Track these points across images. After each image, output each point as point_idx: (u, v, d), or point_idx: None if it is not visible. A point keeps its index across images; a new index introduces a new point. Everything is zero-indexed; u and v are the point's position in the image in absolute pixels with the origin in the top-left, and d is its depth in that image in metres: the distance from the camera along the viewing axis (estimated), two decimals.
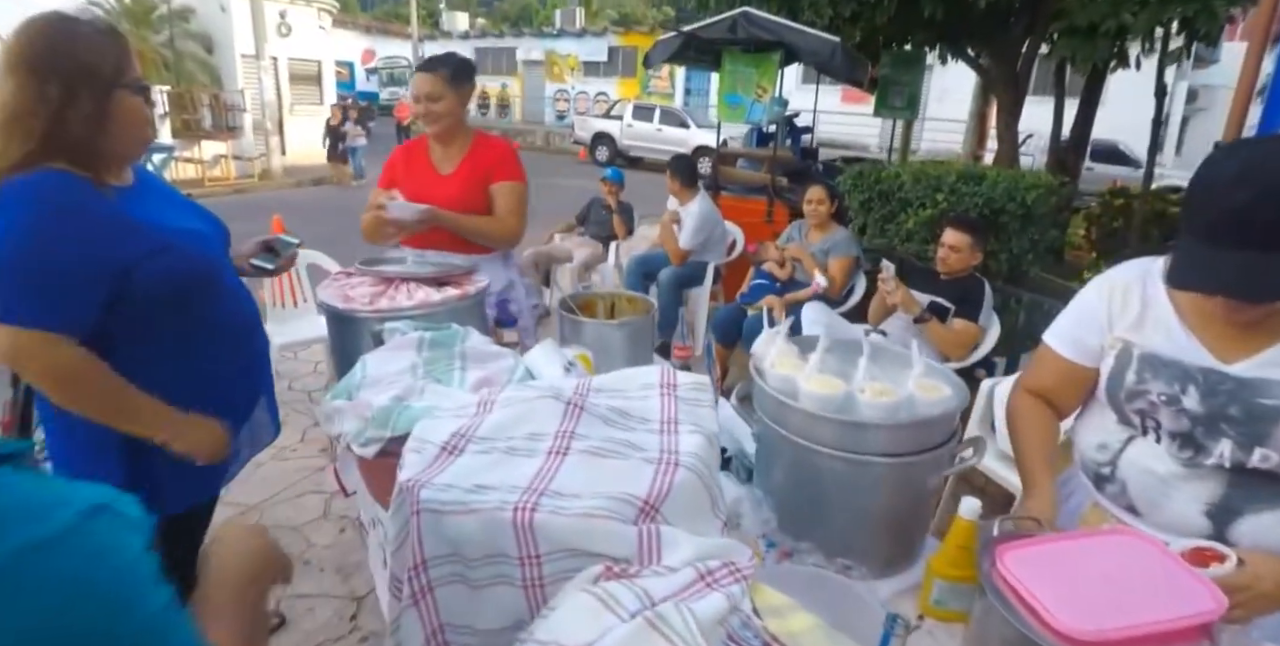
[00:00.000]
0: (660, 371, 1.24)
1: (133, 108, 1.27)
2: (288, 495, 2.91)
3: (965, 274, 3.03)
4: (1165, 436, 1.13)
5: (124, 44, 1.28)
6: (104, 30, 1.27)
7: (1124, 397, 1.16)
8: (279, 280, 3.75)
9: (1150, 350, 1.13)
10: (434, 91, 2.16)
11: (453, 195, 2.20)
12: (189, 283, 1.35)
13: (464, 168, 2.25)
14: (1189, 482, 1.11)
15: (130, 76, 1.27)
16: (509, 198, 2.26)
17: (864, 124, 15.84)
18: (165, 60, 12.30)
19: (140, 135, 1.33)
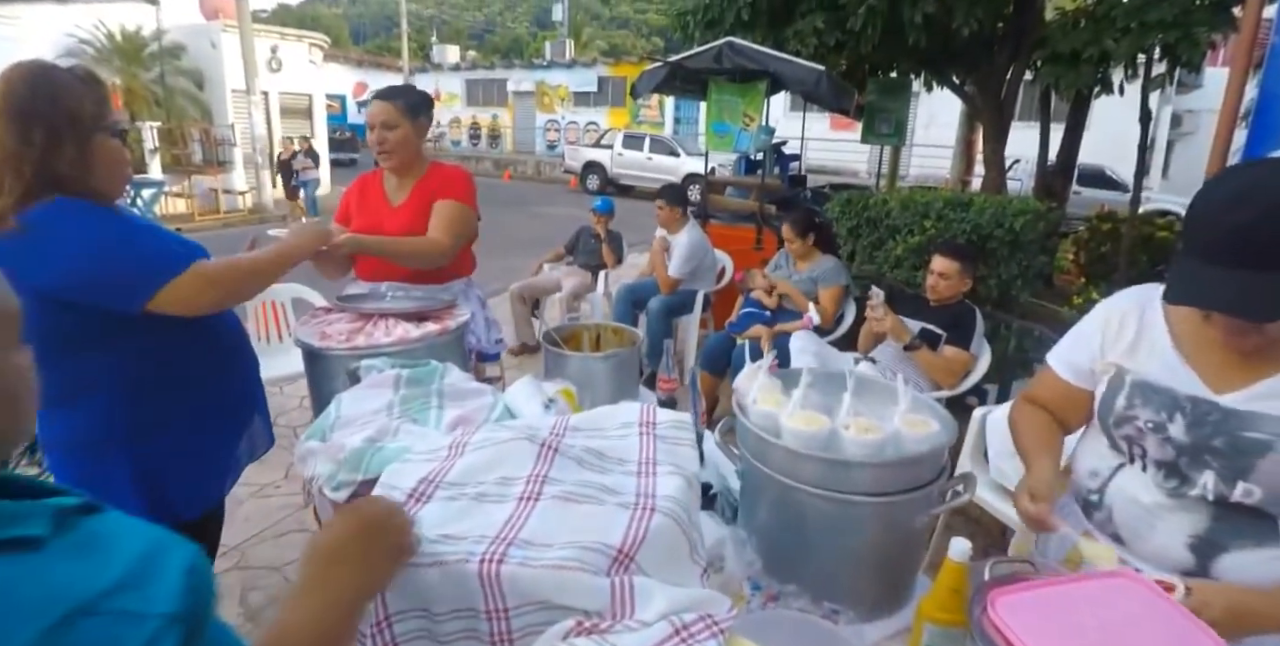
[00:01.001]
0: (640, 409, 1.21)
1: (112, 149, 1.36)
2: (270, 534, 2.84)
3: (955, 300, 3.02)
4: (1151, 465, 1.12)
5: (102, 90, 1.37)
6: (83, 77, 1.35)
7: (1113, 423, 1.15)
8: (264, 314, 3.72)
9: (1142, 377, 1.12)
10: (389, 120, 2.10)
11: (402, 225, 2.12)
12: None
13: (413, 197, 2.18)
14: (1174, 514, 1.09)
15: (109, 120, 1.35)
16: (441, 215, 2.12)
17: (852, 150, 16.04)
18: (156, 96, 12.42)
19: (121, 174, 1.42)
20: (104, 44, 12.21)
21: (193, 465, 1.49)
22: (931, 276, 3.01)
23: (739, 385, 1.34)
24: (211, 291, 1.38)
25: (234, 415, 1.60)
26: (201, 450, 1.51)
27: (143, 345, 1.39)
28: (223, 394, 1.56)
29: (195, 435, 1.49)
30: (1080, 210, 8.43)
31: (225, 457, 1.59)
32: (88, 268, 1.27)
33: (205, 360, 1.50)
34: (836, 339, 3.60)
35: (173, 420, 1.46)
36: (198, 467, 1.50)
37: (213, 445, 1.54)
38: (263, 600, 2.44)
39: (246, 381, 1.65)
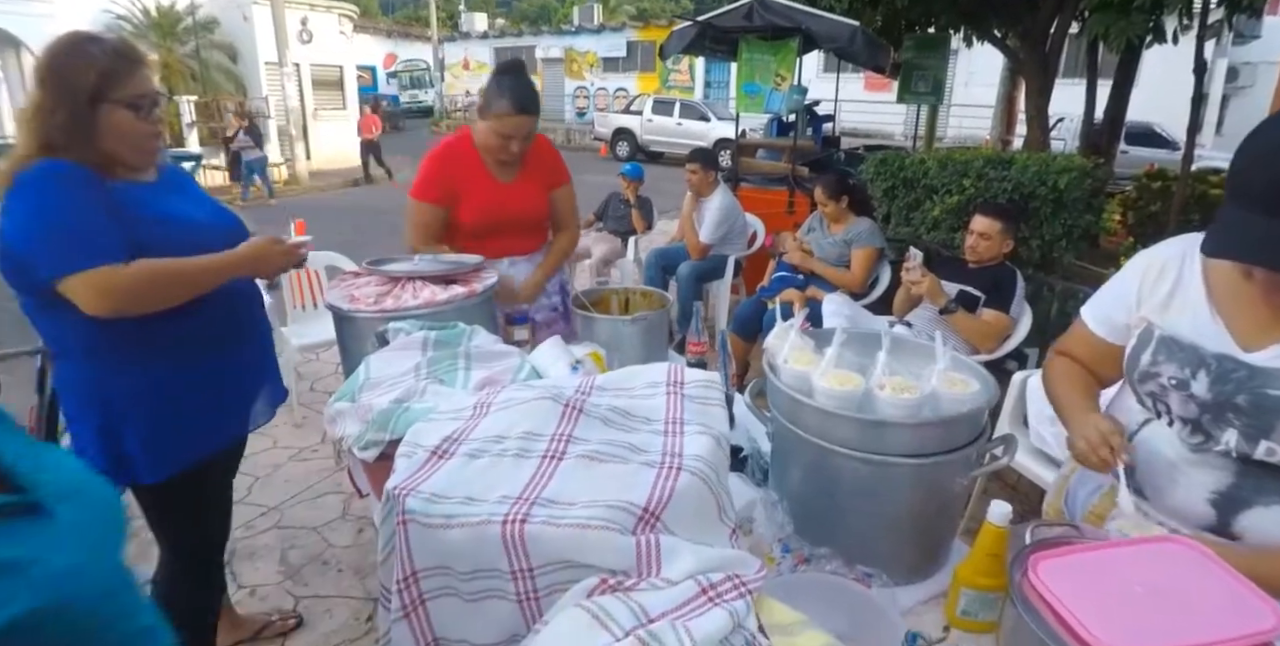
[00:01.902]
0: (668, 369, 1.18)
1: (120, 122, 1.37)
2: (307, 496, 2.91)
3: (995, 262, 2.92)
4: (1176, 421, 1.10)
5: (122, 63, 1.37)
6: (110, 49, 1.37)
7: (1137, 378, 1.13)
8: (298, 282, 3.76)
9: (1171, 332, 1.10)
10: (531, 132, 2.07)
11: (526, 207, 2.18)
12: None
13: (526, 177, 2.19)
14: (1197, 469, 1.07)
15: (123, 93, 1.36)
16: (568, 201, 2.31)
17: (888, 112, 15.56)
18: (192, 71, 12.52)
19: (138, 145, 1.42)
20: (140, 19, 12.31)
21: (155, 429, 1.47)
22: (971, 237, 2.91)
23: (770, 345, 1.30)
24: (102, 301, 1.30)
25: (213, 387, 1.55)
26: (167, 415, 1.48)
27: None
28: (199, 365, 1.52)
29: (161, 400, 1.47)
30: (1128, 170, 8.09)
31: (197, 425, 1.54)
32: (23, 228, 1.29)
33: (183, 332, 1.47)
34: (871, 303, 3.52)
35: (138, 383, 1.45)
36: (161, 432, 1.48)
37: (181, 412, 1.50)
38: (301, 558, 2.51)
39: (245, 357, 1.64)
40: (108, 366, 1.44)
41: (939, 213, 3.66)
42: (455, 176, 2.13)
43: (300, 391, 3.75)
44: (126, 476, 1.49)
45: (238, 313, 1.62)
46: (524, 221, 2.20)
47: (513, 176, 2.18)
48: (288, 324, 3.66)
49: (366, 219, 9.52)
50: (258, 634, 2.10)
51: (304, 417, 3.57)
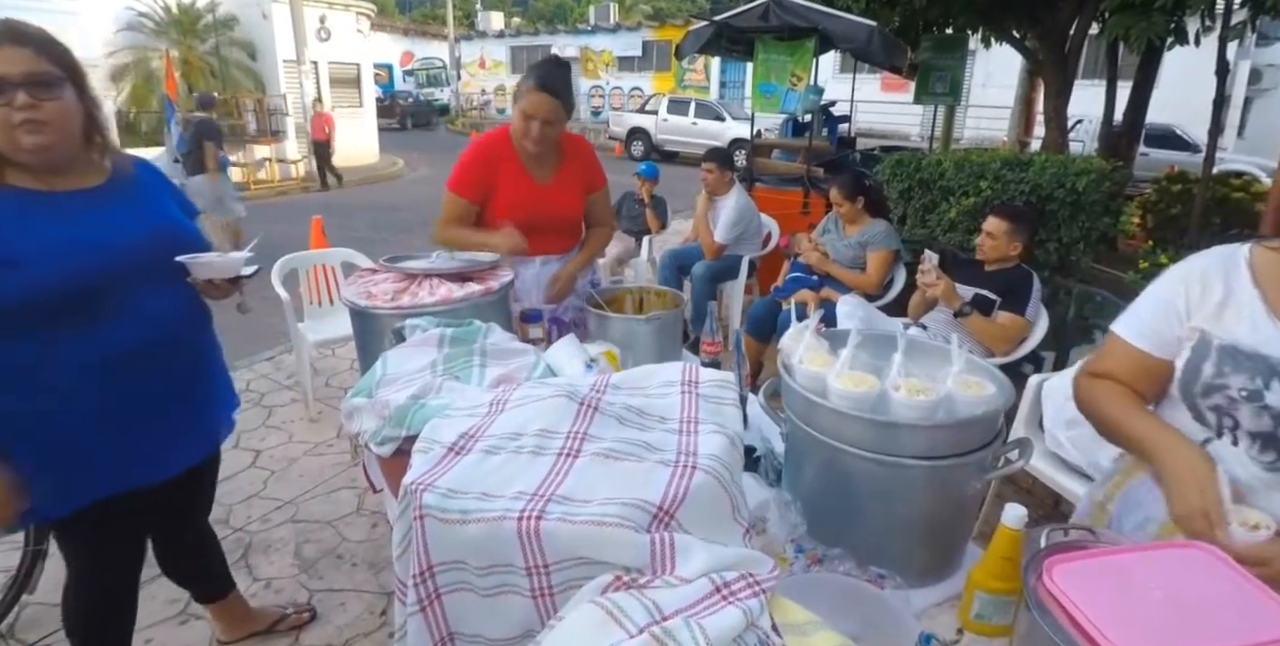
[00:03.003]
0: (683, 368, 1.18)
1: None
2: (322, 490, 2.94)
3: (1011, 265, 2.91)
4: (1244, 437, 1.03)
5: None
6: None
7: (1199, 392, 1.06)
8: (315, 278, 3.80)
9: (1230, 341, 1.04)
10: (553, 116, 2.04)
11: (564, 207, 2.20)
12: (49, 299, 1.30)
13: (563, 177, 2.20)
14: (1272, 491, 1.01)
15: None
16: (604, 204, 2.34)
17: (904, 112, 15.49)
18: (212, 68, 12.65)
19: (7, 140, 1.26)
20: (161, 17, 12.44)
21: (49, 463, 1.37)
22: (980, 236, 2.91)
23: (784, 345, 1.30)
24: None
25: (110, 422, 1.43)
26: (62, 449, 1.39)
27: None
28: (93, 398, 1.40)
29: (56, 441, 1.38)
30: (1147, 172, 8.00)
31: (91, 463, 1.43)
32: None
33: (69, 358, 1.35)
34: (886, 304, 3.51)
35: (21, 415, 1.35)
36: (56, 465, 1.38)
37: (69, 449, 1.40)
38: (316, 552, 2.53)
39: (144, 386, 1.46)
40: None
41: (955, 214, 3.63)
42: (492, 173, 2.13)
43: (316, 386, 3.79)
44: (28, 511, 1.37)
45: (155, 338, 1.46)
46: (558, 223, 2.21)
47: (550, 177, 2.18)
48: (304, 320, 3.70)
49: (381, 215, 9.59)
50: (272, 626, 2.12)
51: (319, 413, 3.60)
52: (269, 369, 4.23)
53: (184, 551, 1.90)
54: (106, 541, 1.59)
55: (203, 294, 1.57)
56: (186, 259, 1.47)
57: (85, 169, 1.40)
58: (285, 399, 3.82)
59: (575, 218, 2.26)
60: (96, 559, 1.60)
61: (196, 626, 2.15)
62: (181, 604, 2.21)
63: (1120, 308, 1.24)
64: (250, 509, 2.81)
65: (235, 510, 2.79)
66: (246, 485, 2.97)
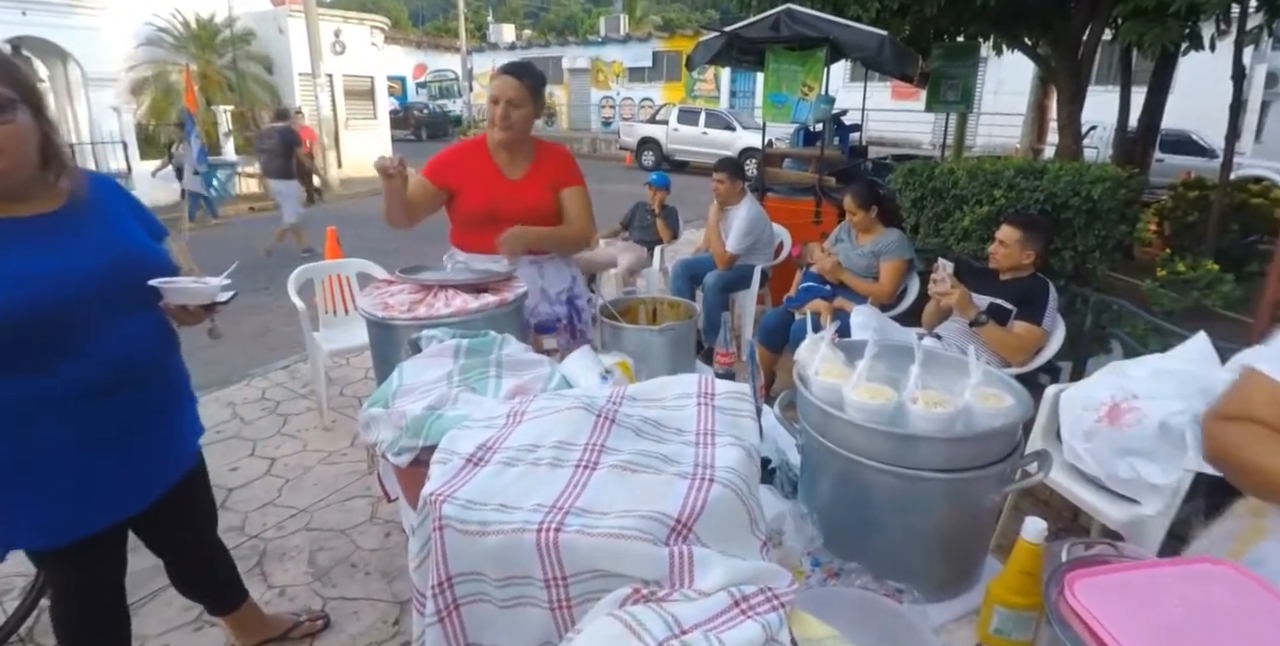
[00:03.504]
0: (698, 380, 1.19)
1: None
2: (336, 499, 2.95)
3: (1027, 274, 2.89)
4: None
5: None
6: None
7: None
8: (330, 287, 3.84)
9: None
10: (517, 97, 2.12)
11: (529, 202, 2.22)
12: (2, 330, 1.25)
13: (533, 174, 2.26)
14: None
15: None
16: (579, 202, 2.30)
17: (915, 120, 15.51)
18: (229, 81, 12.84)
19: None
20: (181, 31, 12.66)
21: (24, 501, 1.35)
22: (993, 244, 2.90)
23: (800, 357, 1.30)
24: None
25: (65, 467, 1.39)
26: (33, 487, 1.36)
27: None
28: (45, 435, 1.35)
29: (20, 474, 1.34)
30: (1163, 178, 7.93)
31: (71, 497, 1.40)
32: None
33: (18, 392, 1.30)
34: (899, 314, 3.49)
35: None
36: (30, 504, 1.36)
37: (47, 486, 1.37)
38: (330, 560, 2.54)
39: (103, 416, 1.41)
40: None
41: (969, 223, 3.62)
42: (461, 165, 2.24)
43: (330, 395, 3.82)
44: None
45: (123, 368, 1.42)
46: (525, 218, 2.21)
47: (521, 174, 2.25)
48: (319, 329, 3.73)
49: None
50: (286, 634, 2.13)
51: (334, 421, 3.63)
52: (284, 377, 4.27)
53: (191, 566, 1.90)
54: (90, 573, 1.56)
55: (174, 319, 1.51)
56: (160, 283, 1.41)
57: (42, 193, 1.33)
58: (300, 407, 3.84)
59: (543, 215, 2.25)
60: (80, 589, 1.57)
61: (211, 633, 2.17)
62: (196, 610, 2.22)
63: (1139, 317, 1.21)
64: (265, 516, 2.83)
65: (251, 517, 2.81)
66: (262, 493, 2.99)
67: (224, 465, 3.18)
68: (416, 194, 2.17)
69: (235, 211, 10.61)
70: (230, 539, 2.56)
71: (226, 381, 4.16)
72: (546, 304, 2.26)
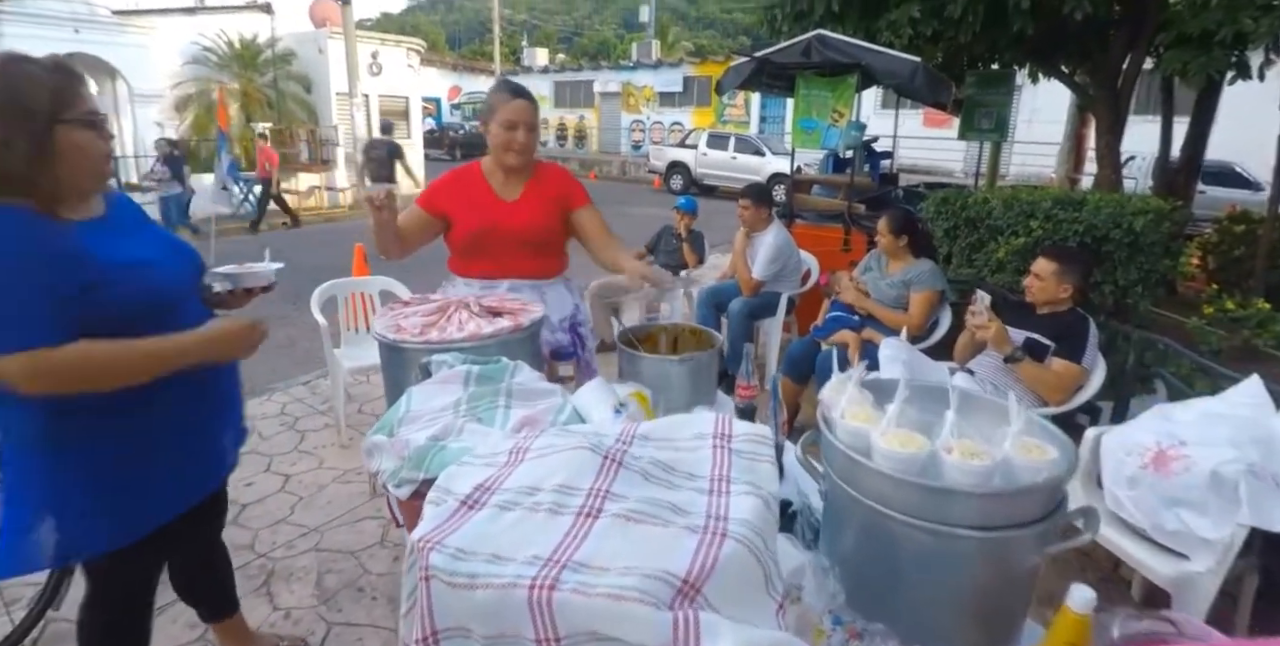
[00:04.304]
0: (715, 420, 1.11)
1: (79, 143, 1.28)
2: (348, 519, 2.90)
3: (1065, 308, 2.78)
4: None
5: (67, 80, 1.28)
6: (49, 67, 1.27)
7: None
8: (352, 305, 3.83)
9: None
10: (534, 121, 2.09)
11: (524, 222, 2.15)
12: (133, 313, 1.34)
13: (530, 194, 2.20)
14: None
15: (77, 111, 1.27)
16: (598, 221, 2.25)
17: (947, 148, 15.38)
18: (269, 99, 13.18)
19: (94, 168, 1.33)
20: (225, 51, 13.06)
21: (105, 496, 1.38)
22: (1028, 277, 2.80)
23: (826, 396, 1.22)
24: (30, 384, 1.22)
25: (173, 448, 1.48)
26: (119, 482, 1.40)
27: None
28: (160, 425, 1.44)
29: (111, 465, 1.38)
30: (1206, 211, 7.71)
31: (149, 493, 1.45)
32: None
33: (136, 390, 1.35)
34: (930, 347, 3.38)
35: (87, 445, 1.35)
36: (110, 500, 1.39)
37: (134, 479, 1.42)
38: (337, 583, 2.48)
39: (199, 411, 1.52)
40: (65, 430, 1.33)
41: (1004, 254, 3.51)
42: (454, 191, 2.19)
43: (349, 413, 3.79)
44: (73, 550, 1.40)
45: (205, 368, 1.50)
46: (523, 239, 2.16)
47: (516, 195, 2.19)
48: (340, 346, 3.72)
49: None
50: None
51: (351, 439, 3.59)
52: (305, 393, 4.26)
53: (198, 566, 1.89)
54: (138, 568, 1.59)
55: (218, 307, 1.63)
56: (231, 269, 1.59)
57: (97, 199, 1.44)
58: (319, 424, 3.82)
59: (543, 235, 2.18)
60: (124, 585, 1.59)
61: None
62: (202, 628, 2.17)
63: (1185, 357, 1.13)
64: (276, 534, 2.78)
65: (261, 535, 2.77)
66: (275, 509, 2.95)
67: (239, 480, 3.15)
68: (411, 223, 2.14)
69: (269, 226, 10.79)
70: (239, 557, 2.52)
71: (248, 394, 4.15)
72: (548, 331, 2.16)
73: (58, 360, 1.21)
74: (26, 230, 1.23)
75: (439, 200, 2.19)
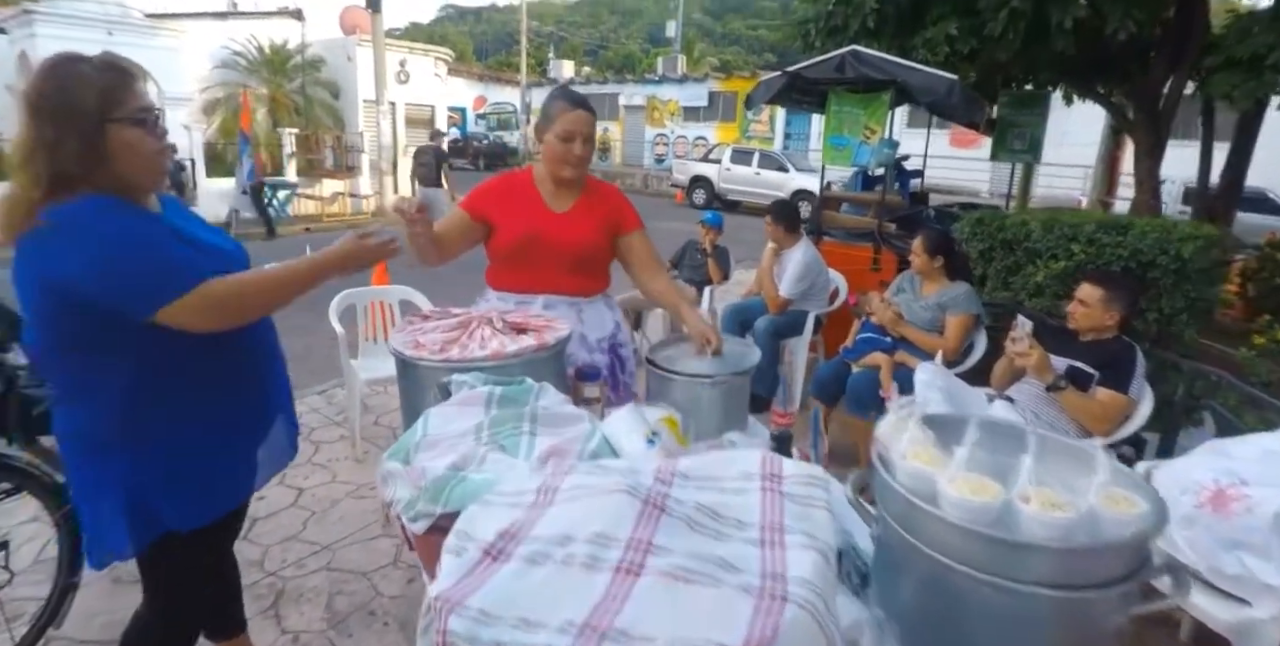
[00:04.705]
0: (762, 459, 1.02)
1: (130, 140, 1.29)
2: (361, 537, 2.81)
3: (1110, 336, 2.66)
4: None
5: (118, 78, 1.30)
6: (99, 66, 1.29)
7: None
8: (372, 315, 3.78)
9: None
10: (591, 133, 2.00)
11: (569, 235, 2.05)
12: None
13: (580, 209, 2.10)
14: None
15: (127, 109, 1.29)
16: (649, 248, 2.18)
17: (973, 168, 15.22)
18: (296, 105, 13.33)
19: (147, 165, 1.34)
20: (255, 56, 13.23)
21: (187, 478, 1.42)
22: (1072, 303, 2.68)
23: (883, 434, 1.12)
24: (214, 314, 1.32)
25: (245, 430, 1.55)
26: (200, 465, 1.44)
27: (146, 351, 1.33)
28: (234, 408, 1.50)
29: (194, 449, 1.42)
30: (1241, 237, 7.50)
31: (229, 474, 1.52)
32: (100, 269, 1.22)
33: (214, 372, 1.43)
34: (964, 372, 3.25)
35: (170, 431, 1.39)
36: (192, 481, 1.43)
37: (215, 461, 1.47)
38: (349, 606, 2.39)
39: (263, 394, 1.59)
40: (140, 406, 1.36)
41: (1043, 278, 3.39)
42: (502, 197, 2.10)
43: (365, 425, 3.71)
44: (152, 531, 1.41)
45: (266, 342, 1.60)
46: (567, 253, 2.06)
47: (566, 207, 2.09)
48: (358, 357, 3.66)
49: None
50: None
51: (366, 452, 3.52)
52: (320, 403, 4.20)
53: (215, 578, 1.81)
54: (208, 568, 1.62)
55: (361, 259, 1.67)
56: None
57: (153, 199, 1.46)
58: (334, 435, 3.75)
59: (589, 252, 2.08)
60: (194, 590, 1.60)
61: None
62: None
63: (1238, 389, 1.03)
64: (287, 552, 2.70)
65: (271, 551, 2.69)
66: (287, 525, 2.87)
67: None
68: (452, 227, 2.04)
69: (291, 231, 10.84)
70: (249, 574, 2.43)
71: None
72: (585, 351, 2.06)
73: (221, 291, 1.31)
74: (126, 206, 1.30)
75: (484, 204, 2.09)
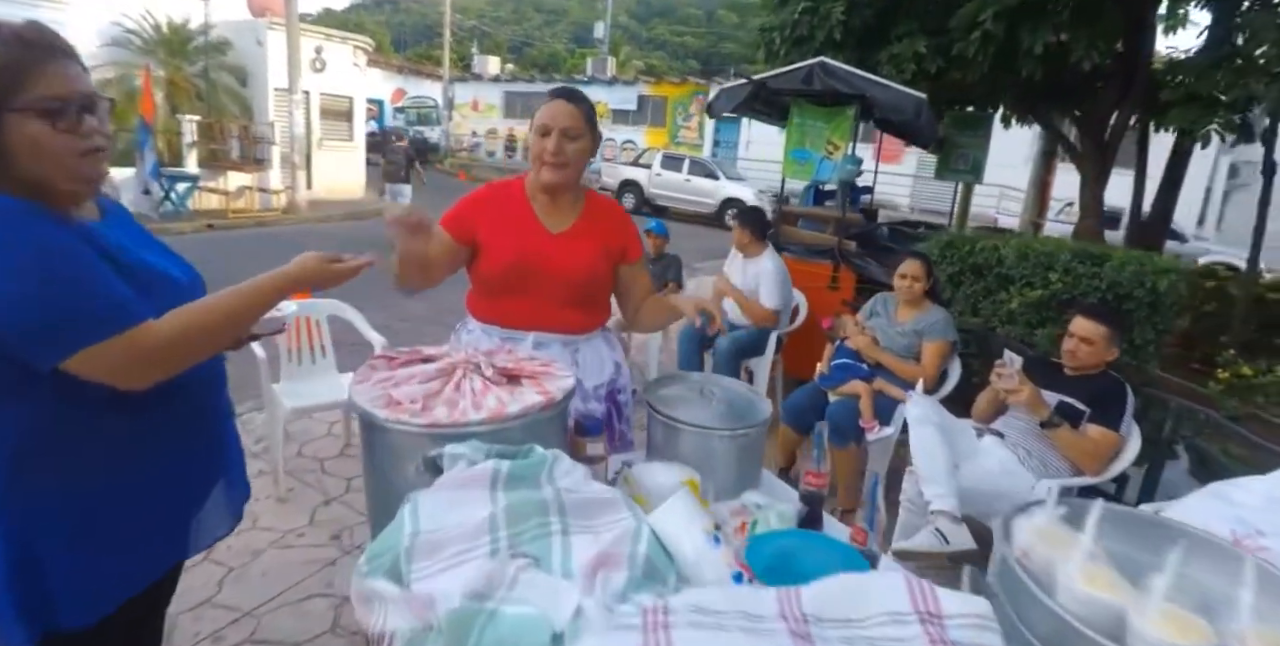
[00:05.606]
0: (908, 588, 0.77)
1: (33, 135, 1.01)
2: (291, 597, 2.37)
3: (1097, 371, 2.59)
4: None
5: (24, 55, 1.02)
6: (8, 39, 1.01)
7: None
8: (295, 331, 3.32)
9: None
10: (574, 127, 1.68)
11: (568, 262, 1.75)
12: None
13: (580, 230, 1.79)
14: None
15: (29, 97, 1.01)
16: (647, 280, 1.96)
17: (897, 183, 15.71)
18: (198, 90, 12.24)
19: (60, 169, 1.05)
20: (150, 34, 12.08)
21: (91, 560, 1.12)
22: (1071, 340, 2.59)
23: (1027, 542, 0.90)
24: (138, 368, 1.04)
25: (169, 499, 1.23)
26: (109, 543, 1.14)
27: (47, 403, 1.04)
28: (157, 473, 1.20)
29: (101, 524, 1.13)
30: None
31: (146, 553, 1.22)
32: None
33: (134, 431, 1.14)
34: (940, 400, 3.14)
35: (74, 500, 1.10)
36: (97, 563, 1.13)
37: (128, 537, 1.17)
38: None
39: (194, 459, 1.28)
40: (35, 474, 1.07)
41: (1017, 306, 3.33)
42: (490, 213, 1.76)
43: (287, 457, 3.23)
44: (42, 621, 1.09)
45: (200, 392, 1.28)
46: (564, 283, 1.75)
47: (565, 228, 1.78)
48: (281, 380, 3.21)
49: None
50: None
51: (290, 490, 3.07)
52: None
53: None
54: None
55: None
56: None
57: (90, 207, 1.19)
58: (251, 470, 3.25)
59: (588, 280, 1.79)
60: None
61: None
62: None
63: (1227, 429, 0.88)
64: (199, 623, 2.22)
65: (181, 623, 2.19)
66: (197, 586, 2.37)
67: None
68: (432, 249, 1.68)
69: (192, 228, 9.90)
70: None
71: None
72: (580, 400, 1.75)
73: (156, 339, 1.04)
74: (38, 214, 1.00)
75: (470, 223, 1.75)
